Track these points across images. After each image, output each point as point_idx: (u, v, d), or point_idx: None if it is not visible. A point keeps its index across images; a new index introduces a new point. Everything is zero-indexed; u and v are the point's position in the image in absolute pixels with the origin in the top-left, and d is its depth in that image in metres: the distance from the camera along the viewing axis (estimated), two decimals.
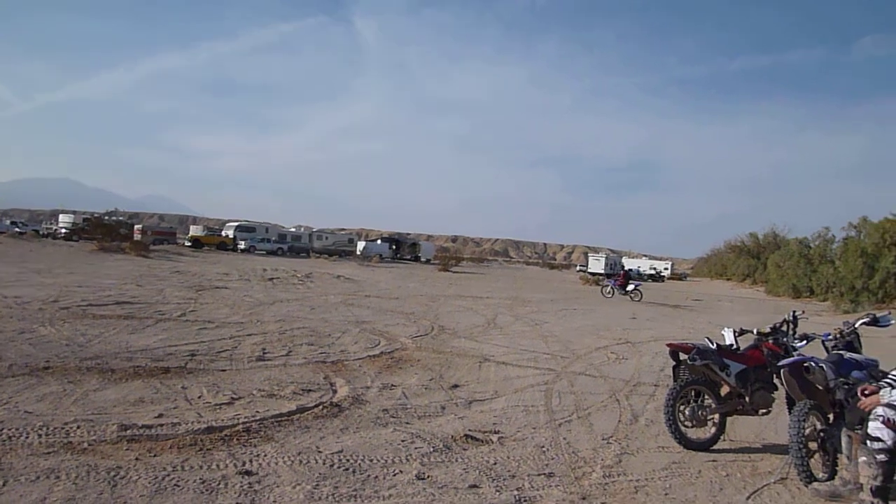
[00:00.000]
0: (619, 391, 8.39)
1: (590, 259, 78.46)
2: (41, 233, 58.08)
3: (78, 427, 5.22)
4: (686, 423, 6.07)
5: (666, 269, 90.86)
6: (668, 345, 6.47)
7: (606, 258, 76.86)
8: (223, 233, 63.50)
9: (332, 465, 4.84)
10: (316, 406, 6.47)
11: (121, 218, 62.66)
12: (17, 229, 59.69)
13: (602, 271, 68.04)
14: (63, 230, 55.30)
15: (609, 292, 31.46)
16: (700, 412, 6.06)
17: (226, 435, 5.35)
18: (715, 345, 6.28)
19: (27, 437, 4.89)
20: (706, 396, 6.18)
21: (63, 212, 63.40)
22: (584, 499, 4.59)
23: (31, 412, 5.53)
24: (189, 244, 58.40)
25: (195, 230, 66.45)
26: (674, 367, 6.43)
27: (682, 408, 6.09)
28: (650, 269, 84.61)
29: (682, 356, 6.29)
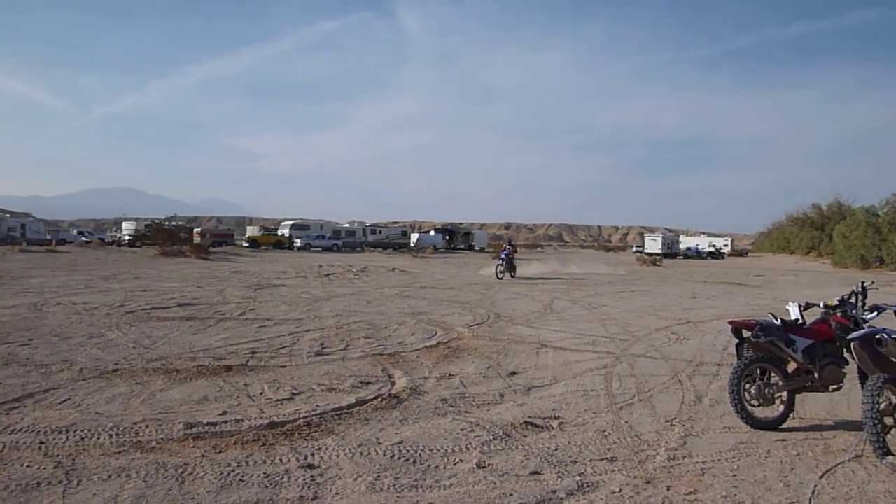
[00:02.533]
0: (682, 372, 8.22)
1: (646, 239, 77.19)
2: (106, 241, 60.18)
3: (146, 426, 5.36)
4: (752, 402, 5.89)
5: (725, 245, 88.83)
6: (731, 322, 6.29)
7: (663, 238, 75.53)
8: (279, 232, 64.64)
9: (392, 457, 4.86)
10: (375, 398, 6.51)
11: (180, 222, 64.36)
12: (83, 239, 62.01)
13: (659, 251, 66.86)
14: (126, 237, 57.16)
15: (502, 272, 26.30)
16: (767, 390, 5.87)
17: (288, 430, 5.42)
18: (779, 320, 6.06)
19: (99, 438, 5.05)
20: (772, 374, 5.97)
21: (126, 220, 65.45)
22: (648, 482, 4.49)
23: (102, 413, 5.71)
24: (246, 244, 59.68)
25: (252, 231, 67.84)
26: (737, 346, 6.24)
27: (747, 386, 5.91)
28: (709, 246, 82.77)
29: (746, 334, 6.10)
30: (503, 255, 26.88)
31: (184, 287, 18.33)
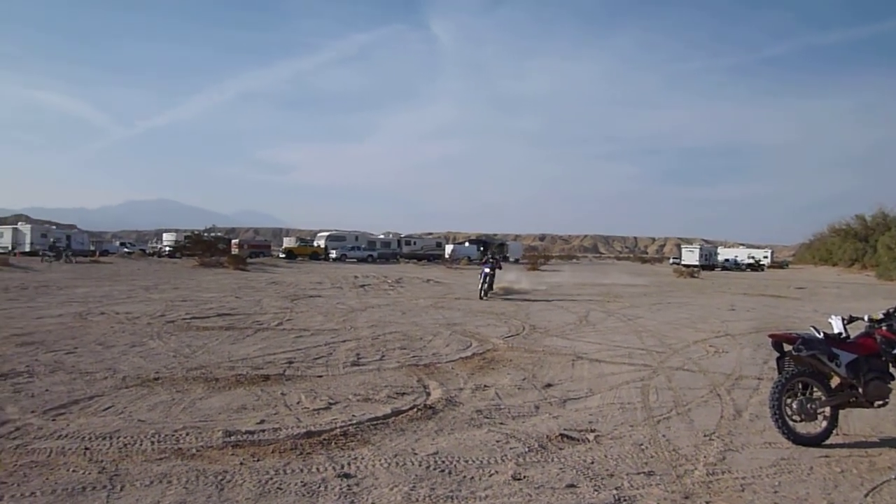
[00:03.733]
0: (720, 385, 8.09)
1: (683, 251, 76.22)
2: (147, 252, 61.43)
3: (186, 434, 5.46)
4: (794, 417, 5.77)
5: (765, 257, 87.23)
6: (771, 335, 6.18)
7: (700, 249, 74.49)
8: (315, 243, 65.33)
9: (428, 467, 4.88)
10: (410, 409, 6.53)
11: (218, 234, 65.38)
12: (125, 250, 63.37)
13: (697, 263, 65.94)
14: (167, 248, 58.31)
15: (483, 289, 20.89)
16: (809, 405, 5.75)
17: (324, 439, 5.47)
18: (822, 334, 5.94)
19: (141, 444, 5.16)
20: (815, 389, 5.85)
21: (166, 231, 66.76)
22: (686, 497, 4.43)
23: (144, 420, 5.83)
24: (283, 255, 60.45)
25: (288, 242, 68.69)
26: (778, 359, 6.13)
27: (789, 401, 5.80)
28: (748, 258, 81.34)
29: (787, 347, 5.99)
30: (486, 270, 21.07)
31: (222, 297, 18.62)
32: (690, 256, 71.30)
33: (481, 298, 20.24)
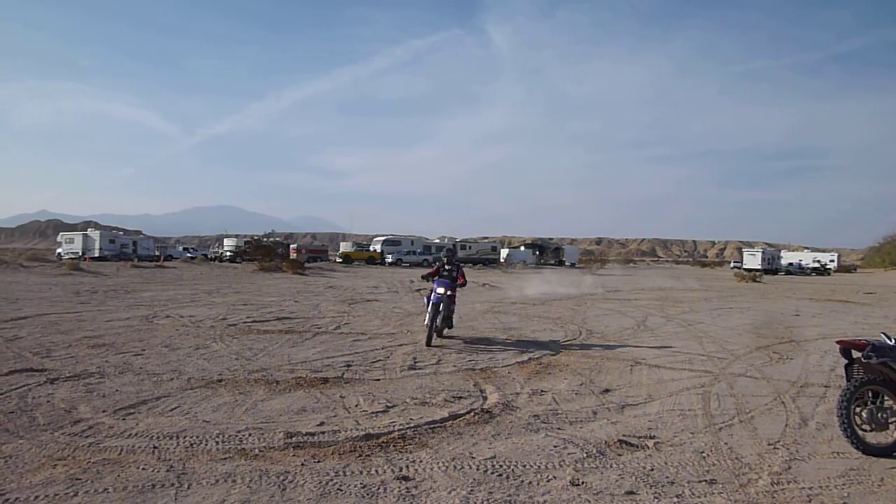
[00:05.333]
0: (785, 393, 7.87)
1: (745, 254, 74.23)
2: (209, 257, 63.08)
3: (249, 435, 5.60)
4: (864, 426, 5.58)
5: (831, 260, 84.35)
6: (839, 342, 5.99)
7: (763, 252, 72.42)
8: (371, 247, 65.99)
9: (485, 471, 4.89)
10: (467, 413, 6.55)
11: (277, 238, 66.69)
12: (188, 255, 65.25)
13: (759, 267, 64.15)
14: (228, 253, 59.75)
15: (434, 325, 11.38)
16: (880, 414, 5.55)
17: (383, 442, 5.54)
18: (893, 340, 5.73)
19: (206, 444, 5.31)
20: (885, 397, 5.64)
21: (227, 236, 68.36)
22: None
23: (209, 421, 6.00)
24: (340, 260, 61.27)
25: (345, 246, 69.58)
26: (846, 367, 5.94)
27: (858, 410, 5.60)
28: (813, 261, 78.73)
29: (856, 354, 5.79)
30: (438, 292, 11.46)
31: (281, 301, 18.99)
32: (752, 260, 69.40)
33: (428, 345, 10.88)
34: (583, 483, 4.69)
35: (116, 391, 7.07)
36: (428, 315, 11.16)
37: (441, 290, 11.27)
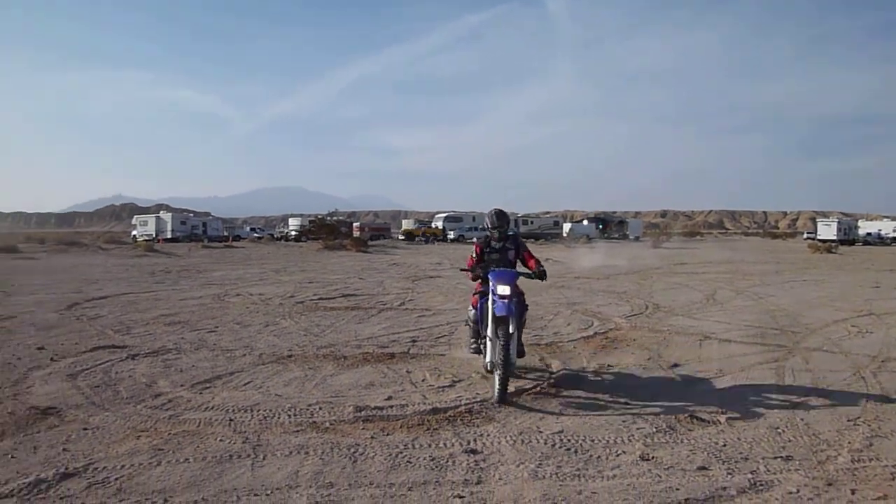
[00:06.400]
0: (865, 368, 7.57)
1: (819, 225, 71.47)
2: (275, 236, 64.52)
3: (320, 408, 5.73)
4: None
5: None
6: None
7: (838, 223, 69.59)
8: (433, 224, 66.28)
9: (553, 445, 4.88)
10: (533, 387, 6.55)
11: (340, 217, 67.68)
12: (255, 235, 66.85)
13: (834, 237, 61.71)
14: (293, 232, 60.98)
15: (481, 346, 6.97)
16: None
17: (450, 416, 5.59)
18: None
19: (279, 417, 5.47)
20: None
21: (291, 216, 69.69)
22: (830, 484, 4.20)
23: (281, 395, 6.17)
24: (402, 237, 61.76)
25: (407, 224, 70.15)
26: None
27: None
28: (893, 231, 75.22)
29: None
30: (500, 287, 6.27)
31: (346, 279, 19.30)
32: (827, 230, 66.76)
33: (503, 401, 5.96)
34: (653, 458, 4.63)
35: (193, 366, 7.33)
36: (488, 344, 6.22)
37: (505, 290, 6.19)
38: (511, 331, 6.13)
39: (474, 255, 6.96)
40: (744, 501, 3.93)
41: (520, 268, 6.93)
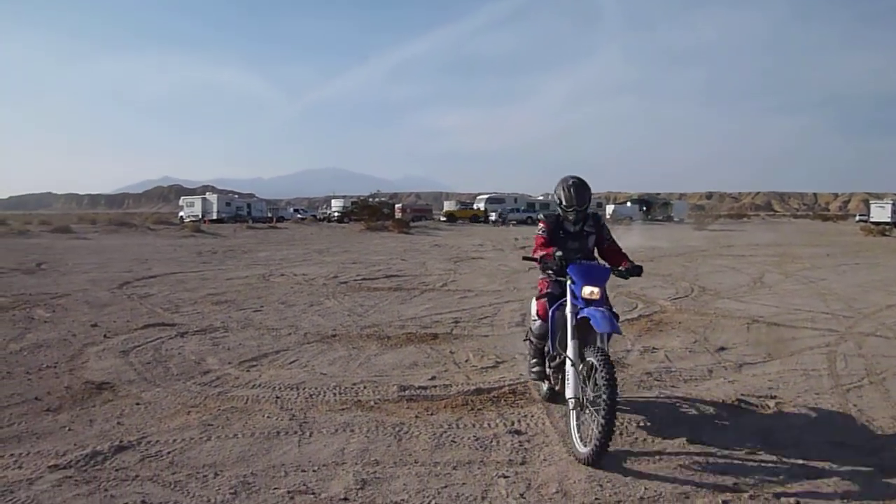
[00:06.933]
0: None
1: (872, 206, 69.11)
2: (318, 217, 65.16)
3: (364, 387, 5.79)
4: None
5: None
6: None
7: (893, 204, 67.27)
8: (475, 206, 66.19)
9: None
10: None
11: (383, 199, 68.01)
12: (298, 216, 67.65)
13: (889, 220, 59.74)
14: (335, 214, 61.52)
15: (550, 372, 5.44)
16: None
17: (494, 396, 5.59)
18: None
19: (325, 396, 5.54)
20: None
21: (334, 197, 70.27)
22: (883, 472, 4.09)
23: (326, 374, 6.25)
24: (444, 219, 61.87)
25: (448, 205, 70.11)
26: None
27: None
28: None
29: None
30: (586, 286, 4.63)
31: (389, 260, 19.41)
32: (881, 213, 64.51)
33: (597, 463, 4.07)
34: (700, 442, 4.57)
35: (240, 345, 7.47)
36: (569, 372, 4.51)
37: (594, 293, 4.62)
38: (600, 349, 4.31)
39: (543, 236, 5.16)
40: (794, 487, 3.86)
41: (600, 261, 5.32)
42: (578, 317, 4.57)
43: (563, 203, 5.08)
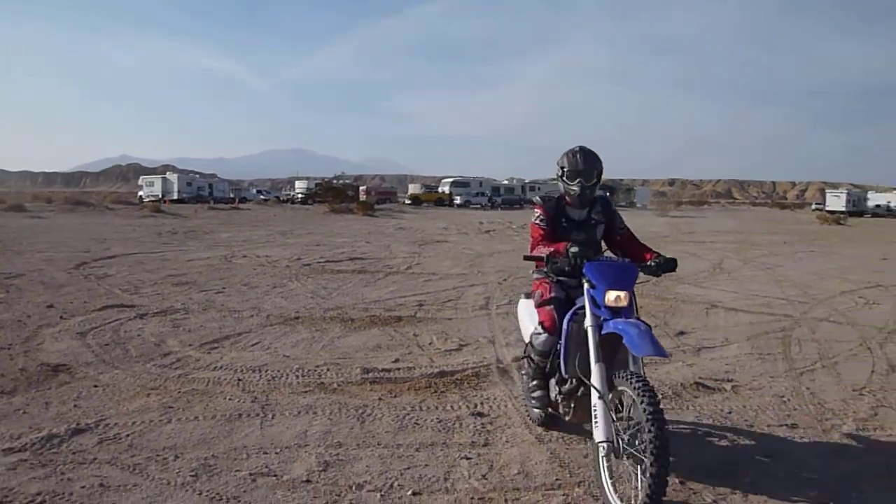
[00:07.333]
0: (871, 339, 7.56)
1: (828, 195, 70.91)
2: (281, 199, 64.51)
3: (328, 370, 5.77)
4: None
5: None
6: None
7: (848, 194, 69.03)
8: (439, 189, 66.17)
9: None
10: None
11: (347, 181, 67.64)
12: (261, 197, 66.91)
13: (843, 209, 61.27)
14: (299, 195, 61.00)
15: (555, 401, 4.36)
16: None
17: (457, 379, 5.62)
18: None
19: (287, 378, 5.50)
20: None
21: (298, 179, 69.64)
22: (835, 453, 4.22)
23: (289, 356, 6.21)
24: (409, 202, 61.76)
25: (413, 188, 70.01)
26: None
27: None
28: None
29: None
30: (612, 289, 3.61)
31: (353, 242, 19.31)
32: (836, 202, 66.24)
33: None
34: None
35: (201, 326, 7.38)
36: (597, 408, 3.38)
37: (620, 298, 3.61)
38: (644, 377, 3.32)
39: (542, 227, 4.22)
40: (749, 468, 3.96)
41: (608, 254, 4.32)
42: (603, 332, 3.55)
43: (567, 171, 4.11)
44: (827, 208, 63.57)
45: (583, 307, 3.72)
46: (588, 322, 3.61)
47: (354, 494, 3.47)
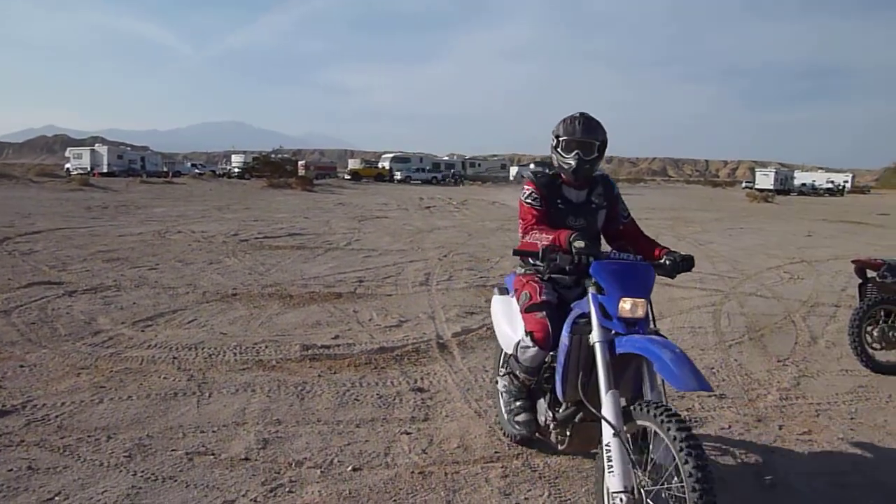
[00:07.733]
0: (795, 312, 7.91)
1: (757, 174, 73.30)
2: (217, 173, 62.99)
3: (266, 347, 5.70)
4: (874, 345, 5.62)
5: (845, 181, 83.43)
6: (854, 261, 5.99)
7: (776, 173, 71.50)
8: (380, 164, 65.74)
9: (496, 383, 4.97)
10: (479, 328, 6.61)
11: (286, 155, 66.40)
12: (196, 171, 65.17)
13: (771, 187, 63.43)
14: (236, 169, 59.64)
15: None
16: (891, 333, 5.57)
17: (397, 355, 5.63)
18: None
19: (224, 355, 5.41)
20: None
21: (235, 152, 68.05)
22: (759, 421, 4.41)
23: (226, 333, 6.10)
24: (349, 177, 61.15)
25: (353, 163, 69.33)
26: (860, 286, 5.95)
27: (869, 329, 5.64)
28: (827, 182, 77.80)
29: (871, 273, 5.80)
30: (626, 297, 2.80)
31: (292, 217, 19.03)
32: (765, 180, 68.53)
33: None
34: None
35: (134, 304, 7.17)
36: (613, 448, 2.56)
37: (636, 302, 2.81)
38: (673, 410, 2.52)
39: (536, 207, 3.50)
40: None
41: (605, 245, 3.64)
42: (617, 350, 2.79)
43: (562, 141, 3.43)
44: (756, 186, 65.70)
45: (584, 315, 3.01)
46: (596, 336, 2.83)
47: (294, 471, 3.46)
